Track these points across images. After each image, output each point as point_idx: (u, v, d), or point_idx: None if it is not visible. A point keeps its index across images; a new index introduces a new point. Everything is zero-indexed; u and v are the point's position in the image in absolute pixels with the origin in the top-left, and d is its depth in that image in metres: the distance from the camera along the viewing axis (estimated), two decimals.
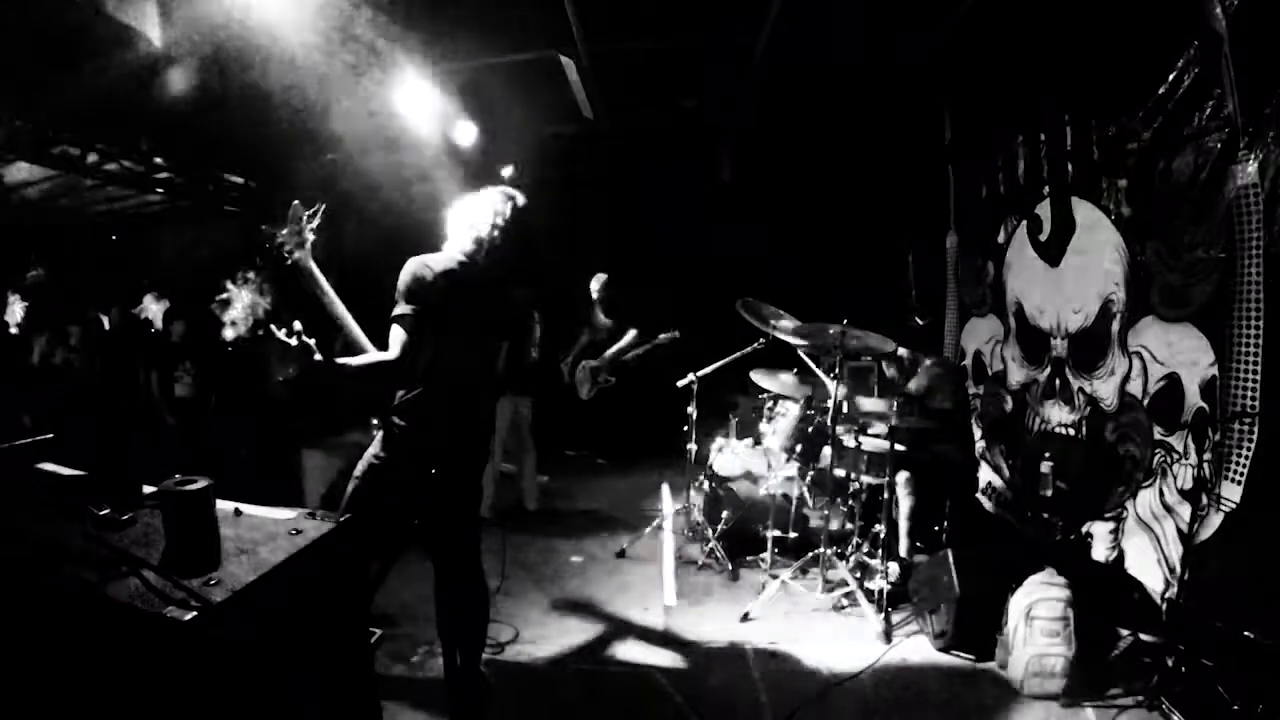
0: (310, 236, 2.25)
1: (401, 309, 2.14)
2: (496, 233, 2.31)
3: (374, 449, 2.35)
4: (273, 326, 2.08)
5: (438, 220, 2.46)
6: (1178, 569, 2.98)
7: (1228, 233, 2.86)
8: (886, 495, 3.70)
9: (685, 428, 4.66)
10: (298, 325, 2.09)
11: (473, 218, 2.34)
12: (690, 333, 5.46)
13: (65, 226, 6.64)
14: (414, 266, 2.19)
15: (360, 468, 2.35)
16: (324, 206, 2.26)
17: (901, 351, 4.21)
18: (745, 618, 3.36)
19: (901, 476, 3.78)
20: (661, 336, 5.51)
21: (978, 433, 4.94)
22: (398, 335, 2.13)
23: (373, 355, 2.19)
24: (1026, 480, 4.23)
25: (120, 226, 7.08)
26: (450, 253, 2.32)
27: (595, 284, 5.97)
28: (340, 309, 2.28)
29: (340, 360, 2.16)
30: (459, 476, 2.36)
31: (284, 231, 2.20)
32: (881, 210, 6.49)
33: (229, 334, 5.25)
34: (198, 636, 1.22)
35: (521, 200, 2.39)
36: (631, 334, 5.67)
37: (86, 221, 6.73)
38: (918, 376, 4.08)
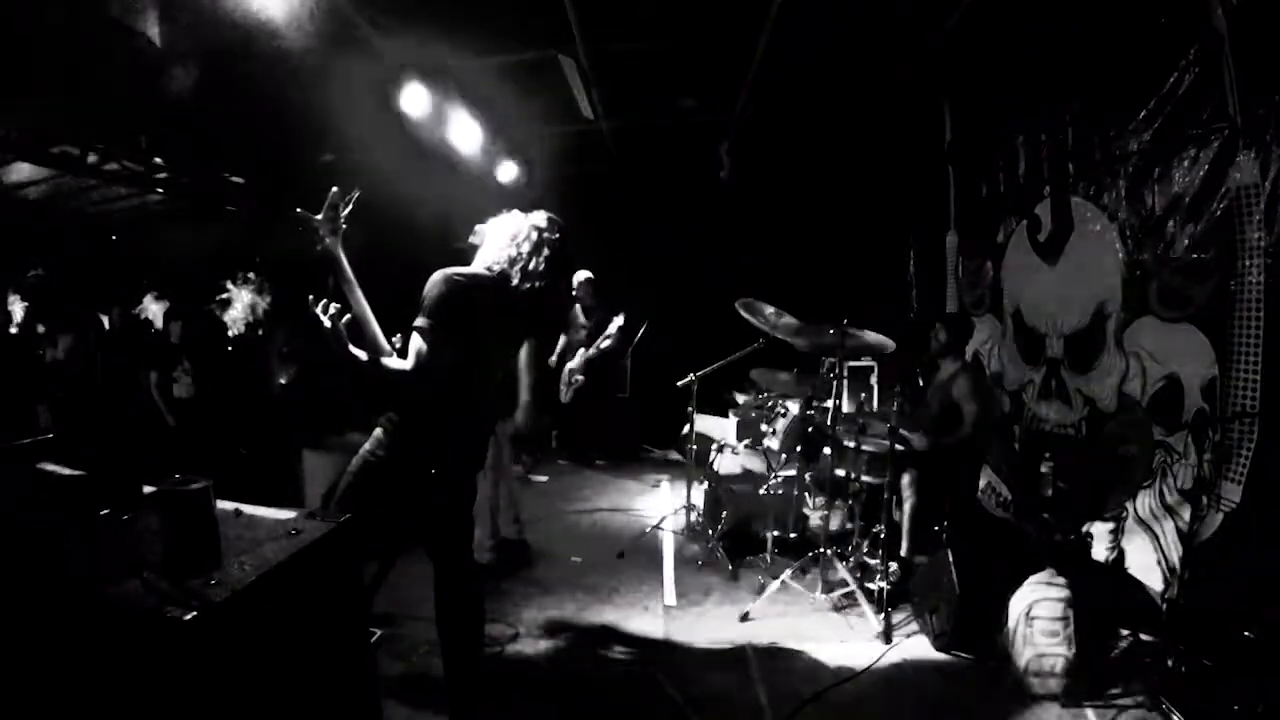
0: (344, 225, 2.24)
1: (422, 321, 2.13)
2: (536, 259, 2.30)
3: (370, 446, 2.34)
4: (310, 298, 2.09)
5: (438, 221, 2.46)
6: (1178, 569, 2.98)
7: (1228, 233, 2.87)
8: (887, 495, 3.70)
9: (685, 427, 4.66)
10: (335, 307, 2.11)
11: (513, 238, 2.32)
12: (692, 332, 5.48)
13: (65, 226, 6.64)
14: (441, 280, 2.16)
15: (355, 464, 2.35)
16: (359, 194, 2.25)
17: (941, 335, 4.15)
18: (745, 618, 3.36)
19: (907, 476, 3.78)
20: (610, 326, 5.63)
21: None
22: (416, 346, 2.13)
23: (393, 362, 2.20)
24: (1026, 480, 4.23)
25: (120, 226, 7.08)
26: (480, 268, 2.31)
27: (577, 281, 6.01)
28: (361, 301, 2.28)
29: (365, 358, 2.17)
30: (456, 478, 2.37)
31: (319, 217, 2.19)
32: (882, 210, 6.49)
33: (230, 333, 5.26)
34: (198, 636, 1.23)
35: (563, 234, 2.37)
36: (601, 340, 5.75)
37: (86, 221, 6.73)
38: (960, 382, 4.00)
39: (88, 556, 1.38)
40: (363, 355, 2.18)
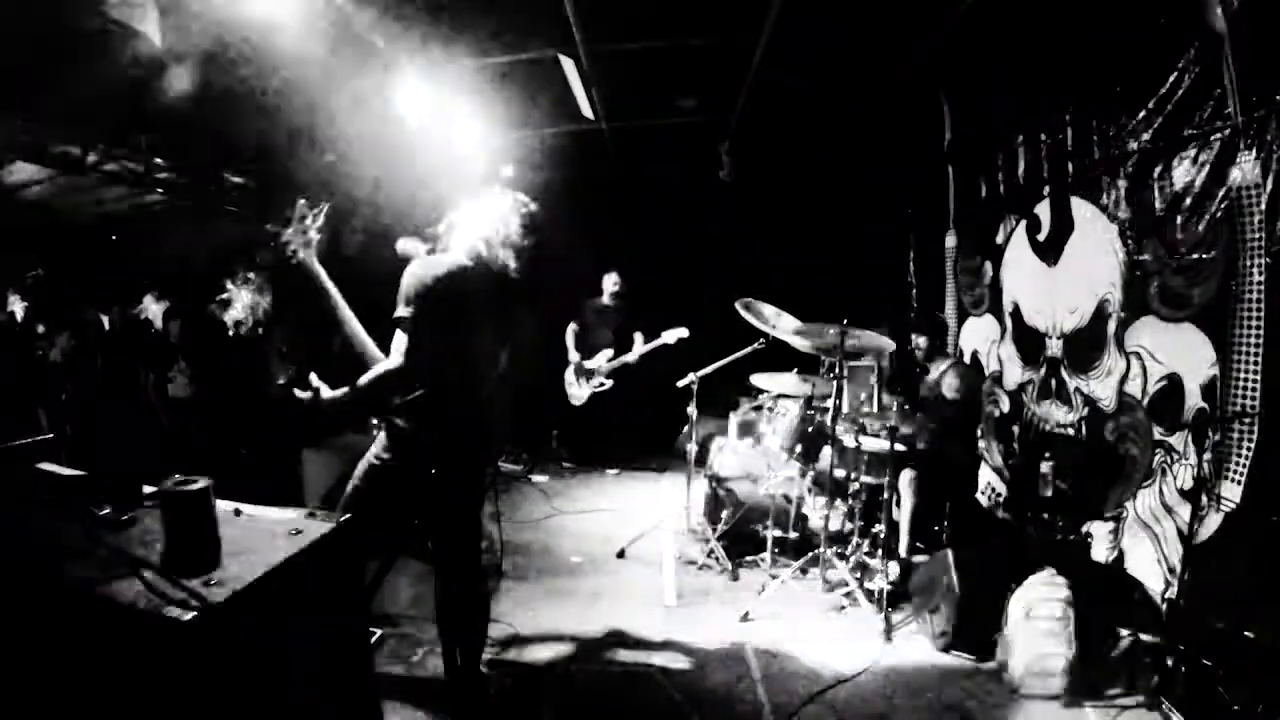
0: (315, 236, 2.25)
1: (404, 311, 2.14)
2: (506, 236, 2.31)
3: (375, 449, 2.34)
4: (296, 392, 2.11)
5: (438, 221, 2.46)
6: (1178, 569, 2.98)
7: (1228, 233, 2.87)
8: (887, 495, 3.70)
9: (685, 428, 4.66)
10: (314, 379, 2.12)
11: (483, 221, 2.34)
12: (692, 332, 5.48)
13: (65, 226, 6.63)
14: (417, 269, 2.18)
15: (361, 468, 2.35)
16: (329, 206, 2.26)
17: (920, 341, 4.20)
18: (745, 618, 3.36)
19: (906, 476, 3.78)
20: (667, 335, 5.52)
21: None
22: (401, 339, 2.13)
23: (379, 367, 2.18)
24: (1026, 480, 4.23)
25: (120, 226, 7.07)
26: (455, 255, 2.32)
27: (609, 281, 5.97)
28: (343, 308, 2.28)
29: (350, 388, 2.16)
30: (460, 477, 2.36)
31: (289, 230, 2.20)
32: (882, 210, 6.49)
33: (229, 333, 5.25)
34: (198, 636, 1.23)
35: (534, 207, 2.39)
36: (639, 341, 5.68)
37: (86, 221, 6.72)
38: (948, 377, 4.02)
39: (88, 556, 1.38)
40: (352, 386, 2.17)
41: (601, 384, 5.77)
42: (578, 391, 5.87)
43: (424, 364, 2.16)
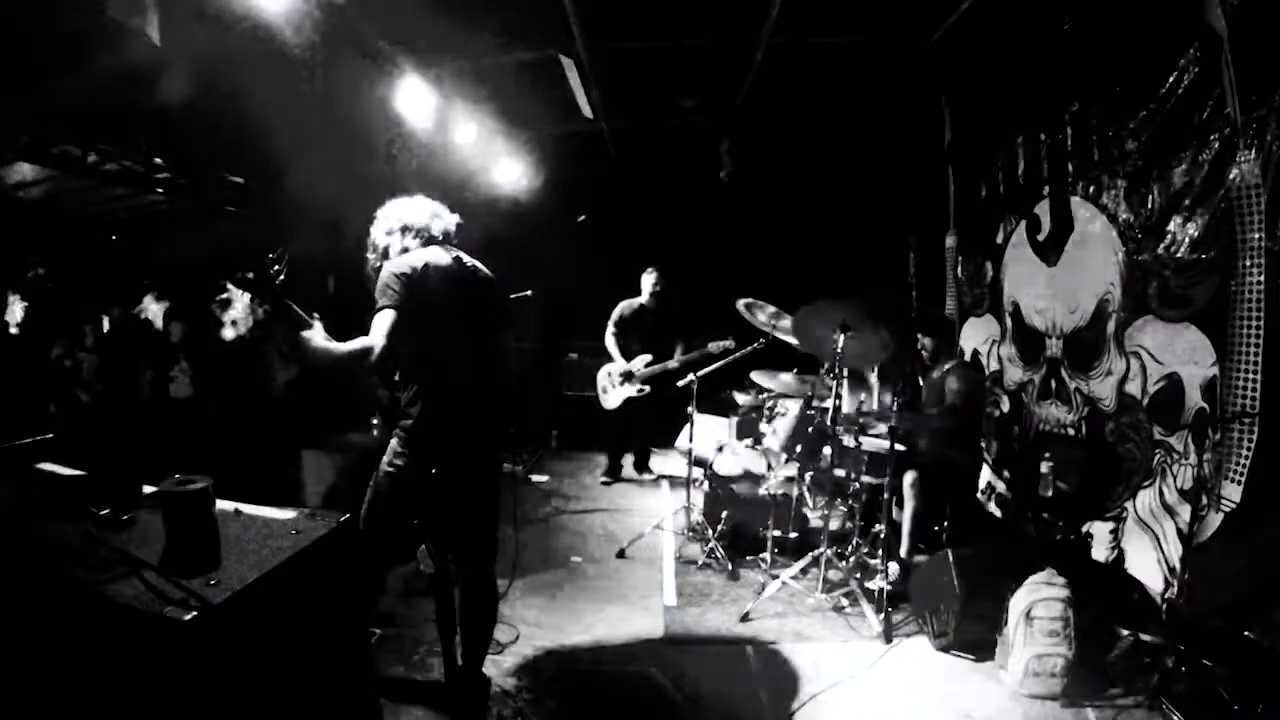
0: (281, 276, 2.29)
1: (382, 301, 2.17)
2: (401, 240, 2.36)
3: (388, 457, 2.33)
4: (290, 303, 2.12)
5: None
6: (1178, 569, 2.98)
7: (1228, 233, 2.87)
8: (887, 495, 3.70)
9: (685, 427, 4.66)
10: (316, 319, 2.16)
11: (382, 231, 2.39)
12: (691, 332, 5.42)
13: (65, 226, 6.63)
14: (390, 267, 2.23)
15: (376, 477, 2.34)
16: (285, 254, 2.32)
17: (926, 341, 4.19)
18: (745, 618, 3.36)
19: (909, 477, 3.78)
20: (712, 346, 5.22)
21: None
22: (382, 318, 2.13)
23: (360, 340, 2.14)
24: (1026, 480, 4.23)
25: (120, 226, 7.07)
26: (427, 252, 2.33)
27: (648, 280, 5.64)
28: (325, 339, 2.31)
29: (334, 348, 2.14)
30: (473, 474, 2.36)
31: (253, 280, 2.25)
32: (882, 210, 6.49)
33: (229, 334, 5.25)
34: (198, 636, 1.23)
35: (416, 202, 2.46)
36: (680, 351, 5.42)
37: (86, 221, 6.73)
38: (950, 379, 4.02)
39: (88, 556, 1.38)
40: (328, 348, 2.14)
41: (640, 389, 5.54)
42: (612, 395, 5.60)
43: (406, 354, 2.17)
